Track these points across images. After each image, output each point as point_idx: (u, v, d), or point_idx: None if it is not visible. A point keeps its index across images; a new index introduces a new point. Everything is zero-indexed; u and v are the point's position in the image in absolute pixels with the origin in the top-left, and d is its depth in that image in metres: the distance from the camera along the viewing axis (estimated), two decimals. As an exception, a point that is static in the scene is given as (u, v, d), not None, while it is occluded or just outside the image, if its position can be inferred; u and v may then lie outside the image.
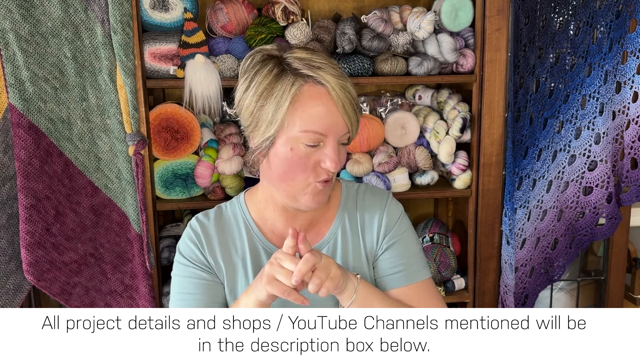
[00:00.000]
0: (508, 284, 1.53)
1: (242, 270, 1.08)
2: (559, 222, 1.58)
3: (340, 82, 0.98)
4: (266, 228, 1.10)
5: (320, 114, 0.97)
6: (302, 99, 0.97)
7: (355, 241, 1.11)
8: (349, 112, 0.98)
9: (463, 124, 1.49)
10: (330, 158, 0.98)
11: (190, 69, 1.39)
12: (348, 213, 1.12)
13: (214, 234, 1.09)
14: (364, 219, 1.12)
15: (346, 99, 0.97)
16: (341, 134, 0.99)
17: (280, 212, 1.08)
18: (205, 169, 1.47)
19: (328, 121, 0.97)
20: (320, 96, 0.97)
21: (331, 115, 0.97)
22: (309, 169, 0.99)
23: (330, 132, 0.97)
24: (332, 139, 0.98)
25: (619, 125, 1.53)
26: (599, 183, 1.53)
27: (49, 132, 1.34)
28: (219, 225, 1.10)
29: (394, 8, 1.51)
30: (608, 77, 1.49)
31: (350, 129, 1.00)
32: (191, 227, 1.10)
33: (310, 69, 0.97)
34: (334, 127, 0.97)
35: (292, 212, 1.08)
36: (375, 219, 1.11)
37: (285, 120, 0.97)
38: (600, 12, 1.46)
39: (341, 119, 0.98)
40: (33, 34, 1.29)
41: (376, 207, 1.12)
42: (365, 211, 1.12)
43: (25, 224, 1.31)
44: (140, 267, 1.43)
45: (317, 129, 0.96)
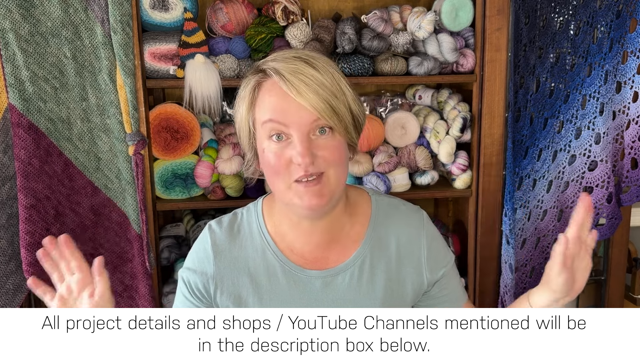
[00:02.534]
0: (508, 284, 1.53)
1: (253, 289, 1.02)
2: (559, 222, 1.57)
3: (292, 67, 0.89)
4: (283, 245, 1.02)
5: (273, 103, 0.90)
6: (258, 96, 0.93)
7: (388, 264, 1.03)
8: (308, 95, 0.88)
9: (463, 124, 1.49)
10: (297, 150, 0.89)
11: (190, 68, 1.38)
12: (379, 232, 1.03)
13: (227, 254, 1.02)
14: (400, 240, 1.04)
15: (301, 83, 0.88)
16: (308, 123, 0.89)
17: (295, 228, 1.01)
18: (205, 169, 1.47)
19: (282, 108, 0.89)
20: (273, 87, 0.91)
21: (285, 102, 0.89)
22: (283, 168, 0.91)
23: (290, 121, 0.89)
24: (297, 129, 0.89)
25: (619, 125, 1.53)
26: (599, 183, 1.53)
27: (48, 132, 1.34)
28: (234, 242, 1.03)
29: (394, 8, 1.51)
30: (608, 77, 1.49)
31: (322, 114, 0.89)
32: (202, 239, 1.05)
33: (263, 64, 0.93)
34: (293, 116, 0.89)
35: (307, 227, 1.00)
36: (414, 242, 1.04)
37: (250, 123, 0.94)
38: (600, 12, 1.46)
39: (301, 106, 0.88)
40: (33, 33, 1.29)
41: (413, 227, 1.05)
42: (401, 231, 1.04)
43: (25, 224, 1.31)
44: (140, 267, 1.43)
45: (272, 117, 0.90)
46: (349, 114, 0.93)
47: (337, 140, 0.93)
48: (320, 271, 1.01)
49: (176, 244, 1.60)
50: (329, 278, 1.01)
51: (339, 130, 0.92)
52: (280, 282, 1.02)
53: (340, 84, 0.92)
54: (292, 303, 1.01)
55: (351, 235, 1.03)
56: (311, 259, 1.02)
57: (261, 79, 0.93)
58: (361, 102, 0.99)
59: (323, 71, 0.91)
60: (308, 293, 1.01)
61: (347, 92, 0.93)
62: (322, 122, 0.90)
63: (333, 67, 0.93)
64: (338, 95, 0.91)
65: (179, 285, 1.07)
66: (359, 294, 1.02)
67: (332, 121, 0.90)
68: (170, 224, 1.72)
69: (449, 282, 1.08)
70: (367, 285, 1.02)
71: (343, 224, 1.03)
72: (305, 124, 0.89)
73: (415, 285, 1.05)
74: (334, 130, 0.92)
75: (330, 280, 1.01)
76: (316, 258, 1.02)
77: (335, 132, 0.92)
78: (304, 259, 1.02)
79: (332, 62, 0.95)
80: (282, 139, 0.91)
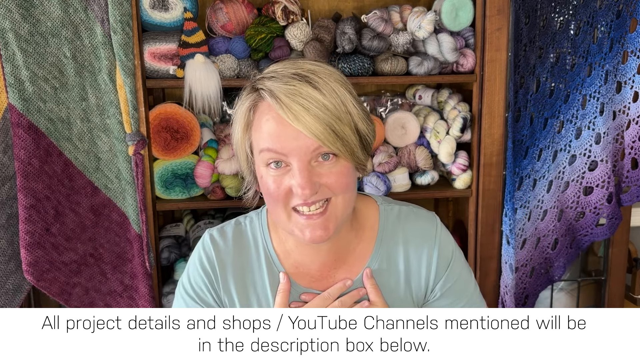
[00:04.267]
0: (508, 284, 1.53)
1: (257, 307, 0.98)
2: (559, 222, 1.57)
3: (289, 88, 0.80)
4: (289, 263, 0.97)
5: (271, 130, 0.82)
6: (256, 118, 0.85)
7: (396, 282, 0.98)
8: (307, 121, 0.79)
9: (463, 123, 1.49)
10: (297, 181, 0.81)
11: (190, 68, 1.38)
12: (388, 247, 0.97)
13: (230, 267, 0.96)
14: (409, 255, 0.97)
15: (300, 107, 0.79)
16: (309, 151, 0.81)
17: (301, 246, 0.96)
18: (205, 169, 1.47)
19: (279, 135, 0.81)
20: (270, 110, 0.82)
21: (283, 128, 0.80)
22: (282, 197, 0.84)
23: (289, 149, 0.81)
24: (296, 158, 0.81)
25: (620, 125, 1.53)
26: (599, 183, 1.53)
27: (48, 132, 1.34)
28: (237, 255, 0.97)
29: (394, 8, 1.51)
30: (608, 77, 1.49)
31: (324, 140, 0.80)
32: (205, 252, 0.97)
33: (259, 82, 0.84)
34: (291, 143, 0.81)
35: (312, 248, 0.95)
36: (424, 257, 0.97)
37: (247, 147, 0.88)
38: (600, 12, 1.46)
39: (299, 132, 0.80)
40: (33, 33, 1.29)
41: (424, 241, 0.97)
42: (410, 245, 0.97)
43: (25, 224, 1.31)
44: (140, 267, 1.43)
45: (269, 146, 0.82)
46: (355, 136, 0.84)
47: (341, 165, 0.85)
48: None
49: (176, 244, 1.60)
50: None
51: (344, 155, 0.84)
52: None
53: (345, 103, 0.83)
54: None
55: (357, 251, 0.98)
56: (317, 277, 0.98)
57: (257, 99, 0.85)
58: (370, 117, 0.89)
59: (326, 90, 0.82)
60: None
61: (354, 111, 0.84)
62: (324, 150, 0.82)
63: (339, 81, 0.84)
64: (342, 117, 0.82)
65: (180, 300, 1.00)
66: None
67: (336, 147, 0.82)
68: (170, 224, 1.72)
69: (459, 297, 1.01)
70: None
71: (349, 242, 0.97)
72: (305, 152, 0.81)
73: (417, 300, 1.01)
74: (339, 156, 0.84)
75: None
76: (322, 276, 0.98)
77: (340, 157, 0.84)
78: (310, 277, 0.98)
79: (337, 73, 0.86)
80: (280, 165, 0.84)
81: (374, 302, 0.95)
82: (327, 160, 0.83)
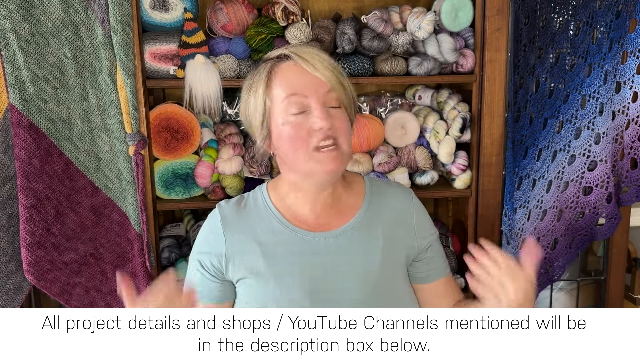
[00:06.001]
0: (508, 284, 1.53)
1: (261, 252, 1.08)
2: (558, 222, 1.58)
3: (306, 50, 1.05)
4: (289, 214, 1.11)
5: (293, 78, 1.03)
6: (275, 78, 1.04)
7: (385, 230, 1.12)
8: (322, 70, 1.02)
9: (463, 124, 1.49)
10: (318, 116, 1.00)
11: (190, 69, 1.39)
12: (375, 204, 1.14)
13: (236, 224, 1.10)
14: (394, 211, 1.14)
15: (317, 60, 1.02)
16: (323, 93, 1.02)
17: (301, 198, 1.10)
18: (205, 169, 1.47)
19: (302, 81, 1.02)
20: (289, 67, 1.04)
21: (304, 75, 1.02)
22: (304, 137, 1.01)
23: (310, 91, 1.01)
24: (315, 100, 1.01)
25: (619, 125, 1.53)
26: (599, 183, 1.53)
27: (49, 132, 1.34)
28: (241, 214, 1.12)
29: (394, 8, 1.51)
30: (608, 77, 1.49)
31: (335, 86, 1.03)
32: (214, 221, 1.13)
33: (278, 50, 1.06)
34: (312, 86, 1.02)
35: (311, 197, 1.09)
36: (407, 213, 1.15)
37: (267, 103, 1.04)
38: (600, 12, 1.46)
39: (316, 78, 1.02)
40: (33, 34, 1.29)
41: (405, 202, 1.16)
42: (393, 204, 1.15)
43: (26, 224, 1.31)
44: (140, 267, 1.43)
45: (295, 91, 1.02)
46: (350, 92, 1.07)
47: (344, 115, 1.06)
48: (324, 232, 1.09)
49: (176, 244, 1.60)
50: (331, 239, 1.09)
51: (346, 104, 1.06)
52: (286, 243, 1.08)
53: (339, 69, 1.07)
54: (299, 262, 1.07)
55: (349, 203, 1.13)
56: (314, 224, 1.10)
57: (274, 64, 1.05)
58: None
59: (329, 60, 1.05)
60: (313, 250, 1.08)
61: (345, 76, 1.08)
62: (334, 95, 1.03)
63: None
64: (343, 76, 1.06)
65: (191, 265, 1.13)
66: (360, 251, 1.09)
67: (341, 94, 1.04)
68: (171, 224, 1.72)
69: (435, 253, 1.17)
70: (368, 244, 1.10)
71: (341, 193, 1.13)
72: (323, 93, 1.02)
73: (407, 249, 1.13)
74: (342, 107, 1.05)
75: (332, 241, 1.09)
76: (319, 224, 1.10)
77: (342, 109, 1.05)
78: (308, 225, 1.10)
79: None
80: (299, 111, 1.01)
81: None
82: (335, 108, 1.04)
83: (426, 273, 1.16)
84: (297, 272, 1.07)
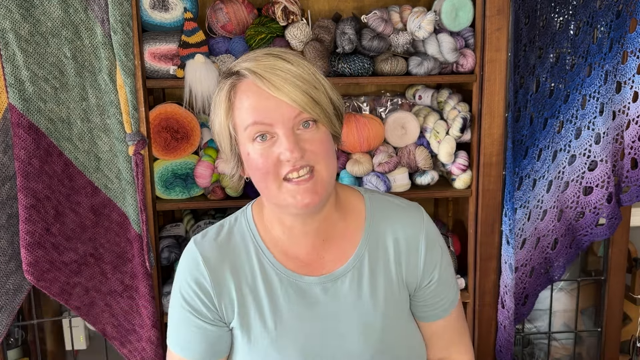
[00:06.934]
0: (508, 283, 1.53)
1: (253, 302, 0.97)
2: (559, 222, 1.57)
3: (266, 64, 0.87)
4: (277, 250, 0.99)
5: (252, 104, 0.88)
6: (236, 99, 0.90)
7: (387, 267, 0.99)
8: (288, 89, 0.86)
9: (463, 124, 1.49)
10: (285, 147, 0.86)
11: (190, 68, 1.38)
12: (376, 234, 1.00)
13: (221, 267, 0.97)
14: (399, 242, 1.00)
15: (278, 78, 0.86)
16: (291, 118, 0.87)
17: (287, 231, 0.98)
18: (205, 169, 1.47)
19: (265, 105, 0.87)
20: (249, 88, 0.89)
21: (265, 101, 0.87)
22: (271, 168, 0.89)
23: (273, 119, 0.87)
24: (281, 126, 0.87)
25: (619, 125, 1.53)
26: (599, 183, 1.53)
27: (48, 132, 1.34)
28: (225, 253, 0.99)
29: (394, 8, 1.51)
30: (608, 77, 1.49)
31: (305, 106, 0.87)
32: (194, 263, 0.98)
33: (235, 66, 0.91)
34: (277, 111, 0.87)
35: (300, 229, 0.97)
36: (413, 244, 1.00)
37: (230, 128, 0.92)
38: (600, 12, 1.46)
39: (281, 101, 0.86)
40: (33, 33, 1.29)
41: (413, 230, 1.00)
42: (399, 233, 1.00)
43: (25, 224, 1.31)
44: (140, 267, 1.43)
45: (257, 119, 0.87)
46: (329, 104, 0.92)
47: (322, 132, 0.91)
48: (319, 277, 0.98)
49: (176, 243, 1.60)
50: (328, 284, 0.98)
51: (323, 121, 0.90)
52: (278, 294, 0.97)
53: (316, 74, 0.91)
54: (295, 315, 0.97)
55: (347, 235, 1.00)
56: (307, 261, 0.99)
57: (235, 81, 0.91)
58: (337, 91, 0.96)
59: (297, 64, 0.89)
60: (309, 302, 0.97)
61: (324, 82, 0.92)
62: (306, 116, 0.88)
63: (305, 60, 0.93)
64: (317, 85, 0.89)
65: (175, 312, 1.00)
66: (360, 298, 0.98)
67: (315, 112, 0.88)
68: (170, 224, 1.72)
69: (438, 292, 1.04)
70: (368, 289, 0.98)
71: (335, 222, 1.00)
72: (289, 119, 0.87)
73: (409, 284, 1.02)
74: (318, 122, 0.90)
75: (330, 285, 0.98)
76: (312, 260, 0.99)
77: (319, 124, 0.90)
78: (300, 262, 0.99)
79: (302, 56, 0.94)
80: (266, 138, 0.88)
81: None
82: (308, 128, 0.89)
83: (424, 314, 1.05)
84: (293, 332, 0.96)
